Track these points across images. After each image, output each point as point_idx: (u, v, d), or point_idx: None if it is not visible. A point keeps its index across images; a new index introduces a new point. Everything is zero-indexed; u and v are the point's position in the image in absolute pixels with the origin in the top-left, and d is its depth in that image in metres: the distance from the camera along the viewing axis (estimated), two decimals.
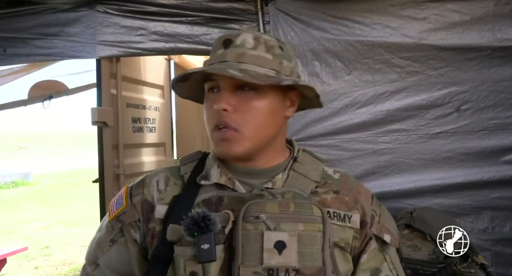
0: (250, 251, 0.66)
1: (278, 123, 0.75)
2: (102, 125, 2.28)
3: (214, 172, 0.76)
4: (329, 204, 0.75)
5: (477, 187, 1.80)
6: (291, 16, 1.92)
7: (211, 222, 0.65)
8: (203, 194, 0.74)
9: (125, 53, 2.10)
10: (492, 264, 1.74)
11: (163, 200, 0.77)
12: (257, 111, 0.71)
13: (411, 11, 1.82)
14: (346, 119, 1.89)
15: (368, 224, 0.77)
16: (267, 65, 0.72)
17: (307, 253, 0.66)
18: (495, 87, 1.77)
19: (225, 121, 0.70)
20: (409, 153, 1.86)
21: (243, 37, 0.73)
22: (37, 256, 4.92)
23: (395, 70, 1.85)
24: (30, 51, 2.14)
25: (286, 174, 0.76)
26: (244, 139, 0.71)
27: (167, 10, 2.01)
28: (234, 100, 0.71)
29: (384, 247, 0.78)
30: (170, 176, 0.80)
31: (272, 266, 0.66)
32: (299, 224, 0.67)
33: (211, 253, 0.65)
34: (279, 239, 0.66)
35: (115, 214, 0.80)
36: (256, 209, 0.68)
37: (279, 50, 0.75)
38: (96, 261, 0.81)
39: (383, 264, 0.77)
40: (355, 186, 0.80)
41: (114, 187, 2.38)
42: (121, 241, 0.80)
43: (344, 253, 0.74)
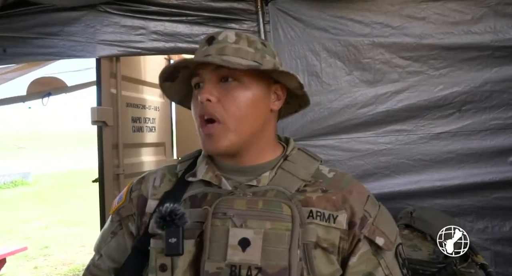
0: (216, 246, 0.67)
1: (262, 115, 0.75)
2: (102, 124, 2.28)
3: (202, 169, 0.78)
4: (313, 203, 0.73)
5: (478, 188, 1.79)
6: (291, 15, 1.91)
7: (177, 216, 0.67)
8: (191, 190, 0.76)
9: (125, 52, 2.10)
10: (492, 263, 1.74)
11: (155, 196, 0.80)
12: (240, 101, 0.72)
13: (411, 10, 1.81)
14: (346, 119, 1.88)
15: (356, 225, 0.73)
16: (248, 57, 0.74)
17: (272, 251, 0.66)
18: (496, 88, 1.76)
19: (209, 111, 0.72)
20: (410, 153, 1.85)
21: (225, 33, 0.76)
22: (37, 256, 4.92)
23: (396, 70, 1.84)
24: (31, 51, 2.15)
25: (274, 172, 0.76)
26: (229, 131, 0.72)
27: (167, 10, 2.01)
28: (217, 91, 0.72)
29: (378, 251, 0.74)
30: (167, 173, 0.84)
31: (235, 262, 0.66)
32: (267, 222, 0.67)
33: (177, 247, 0.66)
34: (244, 236, 0.67)
35: (115, 208, 0.86)
36: (224, 206, 0.69)
37: (261, 46, 0.77)
38: (100, 251, 0.86)
39: (377, 269, 0.73)
40: (348, 186, 0.77)
41: (114, 186, 2.37)
42: (120, 233, 0.84)
43: (328, 254, 0.72)
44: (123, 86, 2.51)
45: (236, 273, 0.65)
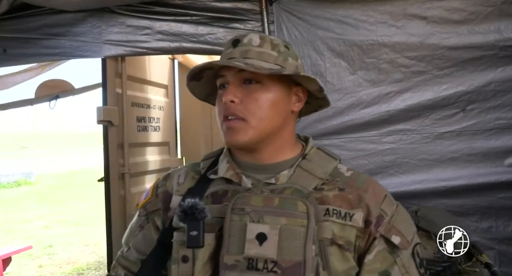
0: (235, 240, 0.71)
1: (282, 116, 0.79)
2: (107, 124, 2.29)
3: (223, 167, 0.82)
4: (329, 201, 0.76)
5: (483, 188, 1.78)
6: (296, 15, 1.92)
7: (197, 210, 0.70)
8: (212, 187, 0.80)
9: (130, 52, 2.11)
10: (497, 263, 1.74)
11: (179, 192, 0.85)
12: (261, 102, 0.76)
13: (416, 9, 1.81)
14: (350, 119, 1.89)
15: (372, 223, 0.75)
16: (271, 60, 0.78)
17: (287, 246, 0.69)
18: (501, 87, 1.76)
19: (232, 112, 0.76)
20: (414, 153, 1.85)
21: (249, 36, 0.80)
22: (41, 255, 4.94)
23: (400, 70, 1.84)
24: (37, 51, 2.16)
25: (292, 171, 0.79)
26: (249, 127, 0.75)
27: (172, 10, 2.02)
28: (240, 92, 0.76)
29: (395, 250, 0.76)
30: (190, 170, 0.88)
31: (252, 256, 0.69)
32: (282, 218, 0.71)
33: (198, 240, 0.70)
34: (261, 231, 0.70)
35: (142, 203, 0.91)
36: (242, 202, 0.73)
37: (284, 49, 0.81)
38: (129, 244, 0.92)
39: (394, 267, 0.75)
40: (364, 185, 0.79)
41: (119, 185, 2.39)
42: (147, 227, 0.89)
43: (343, 251, 0.74)
44: (128, 85, 2.53)
45: (253, 266, 0.69)
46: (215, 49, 2.05)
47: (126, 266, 0.91)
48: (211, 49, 2.05)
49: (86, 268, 4.41)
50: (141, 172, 2.69)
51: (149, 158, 2.83)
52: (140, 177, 2.69)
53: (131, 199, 2.50)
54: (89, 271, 4.33)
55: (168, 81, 3.13)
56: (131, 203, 2.50)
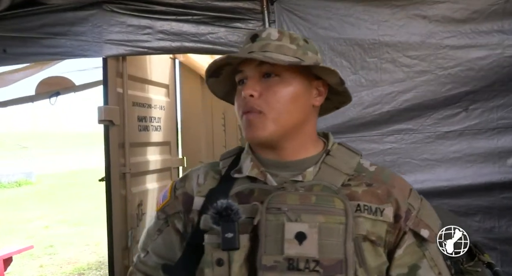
0: (272, 241, 0.69)
1: (303, 110, 0.77)
2: (108, 123, 2.29)
3: (247, 166, 0.79)
4: (359, 197, 0.75)
5: (485, 188, 1.77)
6: (297, 15, 1.91)
7: (233, 212, 0.68)
8: (236, 187, 0.77)
9: (131, 52, 2.11)
10: (499, 263, 1.74)
11: (201, 193, 0.82)
12: (281, 96, 0.74)
13: (418, 8, 1.79)
14: (352, 118, 1.88)
15: (402, 218, 0.75)
16: (290, 53, 0.76)
17: (327, 244, 0.68)
18: (504, 87, 1.74)
19: (251, 106, 0.74)
20: (416, 153, 1.84)
21: (268, 31, 0.79)
22: (42, 255, 4.95)
23: (402, 69, 1.83)
24: (38, 51, 2.16)
25: (318, 168, 0.78)
26: (267, 121, 0.74)
27: (173, 9, 2.02)
28: (259, 86, 0.75)
29: (423, 243, 0.77)
30: (210, 170, 0.85)
31: (292, 256, 0.68)
32: (320, 216, 0.69)
33: (233, 242, 0.67)
34: (300, 230, 0.68)
35: (161, 206, 0.87)
36: (277, 201, 0.71)
37: (303, 42, 0.79)
38: (146, 248, 0.89)
39: (423, 260, 0.76)
40: (390, 180, 0.79)
41: (120, 185, 2.38)
42: (166, 230, 0.86)
43: (375, 246, 0.74)
44: (129, 85, 2.52)
45: (293, 266, 0.67)
46: (216, 49, 2.04)
47: (145, 271, 0.89)
48: (213, 48, 2.04)
49: (87, 268, 4.41)
50: (142, 172, 2.69)
51: (150, 157, 2.82)
52: (141, 177, 2.68)
53: (132, 199, 2.50)
54: (90, 271, 4.33)
55: (169, 80, 3.12)
56: (132, 203, 2.50)
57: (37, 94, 2.96)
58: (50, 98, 2.93)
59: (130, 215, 2.45)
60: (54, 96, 2.93)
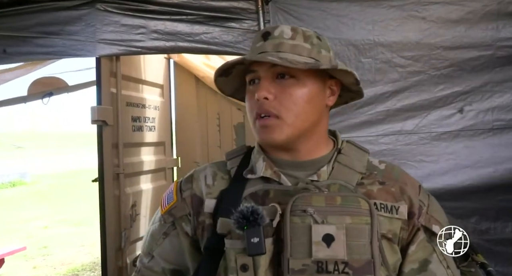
0: (298, 244, 0.68)
1: (318, 111, 0.76)
2: (101, 124, 2.27)
3: (260, 166, 0.78)
4: (375, 196, 0.75)
5: (480, 190, 1.77)
6: (292, 15, 1.90)
7: (259, 216, 0.66)
8: (249, 187, 0.76)
9: (125, 51, 2.09)
10: (494, 264, 1.73)
11: (211, 194, 0.80)
12: (297, 98, 0.73)
13: (413, 9, 1.80)
14: (346, 118, 1.87)
15: (415, 215, 0.76)
16: (305, 53, 0.75)
17: (355, 246, 0.67)
18: (499, 88, 1.75)
19: (267, 109, 0.72)
20: (411, 154, 1.84)
21: (281, 28, 0.76)
22: (36, 256, 4.91)
23: (397, 70, 1.83)
24: (31, 50, 2.13)
25: (331, 166, 0.77)
26: (285, 125, 0.73)
27: (167, 9, 2.00)
28: (274, 88, 0.73)
29: (433, 238, 0.78)
30: (217, 170, 0.83)
31: (321, 258, 0.67)
32: (346, 217, 0.68)
33: (260, 247, 0.66)
34: (327, 232, 0.67)
35: (167, 208, 0.84)
36: (302, 203, 0.69)
37: (316, 40, 0.77)
38: (152, 253, 0.85)
39: (432, 255, 0.77)
40: (401, 177, 0.79)
41: (114, 186, 2.37)
42: (174, 233, 0.83)
43: (392, 244, 0.74)
44: (123, 85, 2.50)
45: (323, 269, 0.66)
46: (211, 49, 2.03)
47: None
48: (207, 48, 2.03)
49: (81, 269, 4.38)
50: (136, 172, 2.67)
51: (144, 158, 2.81)
52: (135, 177, 2.66)
53: (126, 199, 2.48)
54: (84, 272, 4.30)
55: (163, 80, 3.11)
56: (126, 203, 2.48)
57: (30, 95, 2.93)
58: (43, 98, 2.90)
59: (124, 216, 2.44)
60: (47, 96, 2.90)
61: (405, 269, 0.76)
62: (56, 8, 2.06)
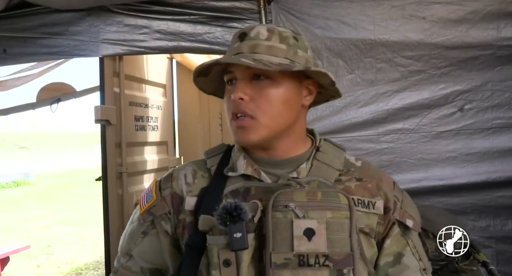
0: (280, 238, 0.69)
1: (294, 111, 0.77)
2: (105, 123, 2.29)
3: (241, 164, 0.79)
4: (353, 192, 0.77)
5: (481, 187, 1.79)
6: (294, 15, 1.92)
7: (242, 211, 0.67)
8: (230, 185, 0.77)
9: (128, 51, 2.11)
10: (494, 262, 1.74)
11: (192, 192, 0.80)
12: (272, 99, 0.74)
13: (414, 9, 1.80)
14: (348, 118, 1.89)
15: (391, 210, 0.79)
16: (281, 54, 0.75)
17: (335, 239, 0.69)
18: (499, 87, 1.76)
19: (242, 110, 0.73)
20: (412, 153, 1.85)
21: (257, 29, 0.77)
22: (39, 255, 4.94)
23: (398, 69, 1.84)
24: (36, 51, 2.16)
25: (310, 164, 0.79)
26: (260, 126, 0.73)
27: (170, 9, 2.02)
28: (250, 89, 0.74)
29: (406, 232, 0.81)
30: (197, 169, 0.84)
31: (302, 252, 0.68)
32: (327, 212, 0.70)
33: (243, 242, 0.67)
34: (308, 227, 0.69)
35: (146, 207, 0.83)
36: (284, 198, 0.71)
37: (293, 41, 0.77)
38: (130, 253, 0.84)
39: (406, 248, 0.80)
40: (377, 174, 0.82)
41: (117, 185, 2.39)
42: (153, 232, 0.83)
43: (369, 238, 0.77)
44: (126, 85, 2.52)
45: (304, 262, 0.68)
46: (213, 48, 2.05)
47: None
48: (209, 48, 2.05)
49: (85, 268, 4.41)
50: (139, 172, 2.69)
51: (147, 157, 2.83)
52: (138, 177, 2.68)
53: (129, 198, 2.50)
54: (87, 271, 4.32)
55: (166, 80, 3.13)
56: (129, 202, 2.50)
57: (38, 101, 2.97)
58: (51, 105, 2.94)
59: (127, 215, 2.45)
60: (55, 103, 2.94)
61: (380, 262, 0.79)
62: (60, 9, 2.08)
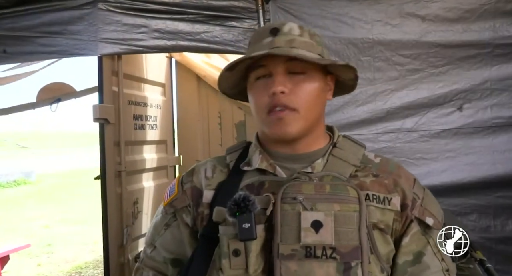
0: (288, 230, 0.70)
1: (323, 105, 0.81)
2: (103, 122, 2.29)
3: (256, 159, 0.81)
4: (367, 187, 0.77)
5: (480, 187, 1.79)
6: (292, 14, 1.92)
7: (250, 202, 0.69)
8: (246, 179, 0.79)
9: (126, 50, 2.11)
10: (494, 262, 1.74)
11: (210, 186, 0.83)
12: (309, 92, 0.76)
13: (411, 8, 1.81)
14: (346, 117, 1.89)
15: (408, 207, 0.78)
16: (314, 50, 0.78)
17: (343, 232, 0.69)
18: (497, 85, 1.76)
19: (283, 102, 0.74)
20: (410, 152, 1.85)
21: (289, 25, 0.79)
22: (40, 254, 4.95)
23: (396, 68, 1.85)
24: (34, 49, 2.15)
25: (326, 159, 0.79)
26: (300, 118, 0.75)
27: (168, 8, 2.02)
28: (289, 82, 0.75)
29: (427, 231, 0.80)
30: (217, 164, 0.87)
31: (309, 244, 0.69)
32: (335, 205, 0.71)
33: (251, 232, 0.68)
34: (316, 219, 0.70)
35: (168, 200, 0.87)
36: (293, 191, 0.72)
37: (318, 38, 0.82)
38: (154, 243, 0.89)
39: (427, 247, 0.79)
40: (396, 170, 0.81)
41: (116, 183, 2.39)
42: (175, 224, 0.87)
43: (384, 235, 0.76)
44: (125, 84, 2.52)
45: (311, 254, 0.69)
46: (211, 47, 2.05)
47: (154, 267, 0.89)
48: (208, 47, 2.05)
49: (85, 267, 4.42)
50: (138, 170, 2.69)
51: (146, 156, 2.83)
52: (137, 175, 2.68)
53: (128, 197, 2.50)
54: (87, 270, 4.33)
55: (165, 79, 3.13)
56: (128, 201, 2.50)
57: (39, 101, 2.98)
58: (51, 105, 2.95)
59: (126, 213, 2.46)
60: (55, 102, 2.95)
61: (399, 260, 0.78)
62: (59, 8, 2.08)
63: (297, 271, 0.68)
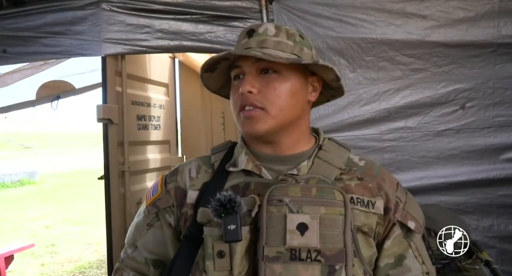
0: (274, 232, 0.70)
1: (300, 105, 0.78)
2: (107, 122, 2.30)
3: (242, 159, 0.80)
4: (352, 190, 0.77)
5: (482, 185, 1.79)
6: (295, 14, 1.92)
7: (236, 204, 0.69)
8: (231, 180, 0.78)
9: (130, 50, 2.12)
10: (498, 261, 1.74)
11: (194, 186, 0.82)
12: (280, 92, 0.75)
13: (415, 8, 1.81)
14: (350, 116, 1.90)
15: (391, 210, 0.78)
16: (288, 49, 0.77)
17: (328, 235, 0.69)
18: (500, 84, 1.76)
19: (251, 102, 0.74)
20: (414, 150, 1.86)
21: (265, 26, 0.79)
22: (44, 254, 4.97)
23: (399, 68, 1.85)
24: (38, 50, 2.17)
25: (311, 162, 0.79)
26: (268, 116, 0.74)
27: (172, 8, 2.03)
28: (258, 83, 0.75)
29: (409, 234, 0.80)
30: (202, 164, 0.85)
31: (295, 246, 0.69)
32: (321, 208, 0.70)
33: (236, 233, 0.68)
34: (301, 221, 0.69)
35: (151, 200, 0.86)
36: (279, 193, 0.72)
37: (299, 38, 0.80)
38: (135, 243, 0.87)
39: (408, 250, 0.79)
40: (380, 174, 0.81)
41: (119, 183, 2.39)
42: (157, 225, 0.85)
43: (367, 238, 0.76)
44: (128, 84, 2.53)
45: (296, 256, 0.69)
46: (215, 48, 2.05)
47: (135, 268, 0.88)
48: (211, 47, 2.05)
49: (88, 267, 4.43)
50: (141, 170, 2.70)
51: (150, 156, 2.84)
52: (140, 175, 2.69)
53: (131, 197, 2.51)
54: (91, 270, 4.35)
55: (168, 79, 3.13)
56: (131, 201, 2.51)
57: (38, 99, 2.98)
58: (51, 102, 2.95)
59: (129, 213, 2.46)
60: (55, 100, 2.95)
61: (380, 263, 0.79)
62: (62, 8, 2.09)
63: (282, 273, 0.68)
